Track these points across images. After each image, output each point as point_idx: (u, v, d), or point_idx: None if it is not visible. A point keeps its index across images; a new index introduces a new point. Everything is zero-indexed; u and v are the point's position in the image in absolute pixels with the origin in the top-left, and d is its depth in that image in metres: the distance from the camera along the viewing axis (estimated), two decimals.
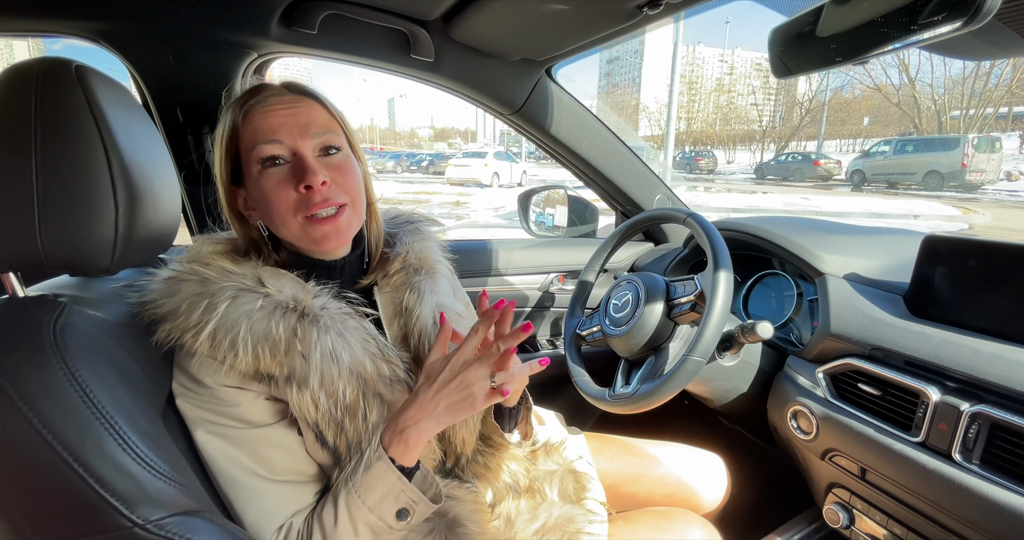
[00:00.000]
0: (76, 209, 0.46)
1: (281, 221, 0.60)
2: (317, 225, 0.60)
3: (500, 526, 0.72)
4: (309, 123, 0.60)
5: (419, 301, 0.69)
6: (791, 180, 19.38)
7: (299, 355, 0.55)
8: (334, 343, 0.57)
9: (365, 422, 0.58)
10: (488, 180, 15.53)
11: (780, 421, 0.93)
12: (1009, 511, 0.60)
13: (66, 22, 0.90)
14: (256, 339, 0.54)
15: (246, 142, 0.60)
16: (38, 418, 0.39)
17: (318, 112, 0.62)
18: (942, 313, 0.77)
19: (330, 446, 0.58)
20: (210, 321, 0.53)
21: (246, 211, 0.64)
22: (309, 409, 0.56)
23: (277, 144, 0.59)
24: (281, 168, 0.59)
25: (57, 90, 0.45)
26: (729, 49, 62.74)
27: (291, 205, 0.59)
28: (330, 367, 0.56)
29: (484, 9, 0.95)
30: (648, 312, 0.90)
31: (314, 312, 0.58)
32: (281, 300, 0.57)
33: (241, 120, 0.60)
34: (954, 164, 14.16)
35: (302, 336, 0.56)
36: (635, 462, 0.95)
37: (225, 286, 0.55)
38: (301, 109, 0.61)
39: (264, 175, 0.59)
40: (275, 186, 0.59)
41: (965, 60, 5.91)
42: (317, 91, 0.64)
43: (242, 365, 0.53)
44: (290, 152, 0.59)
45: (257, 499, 0.56)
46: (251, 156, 0.59)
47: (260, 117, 0.59)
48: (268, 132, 0.59)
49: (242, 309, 0.54)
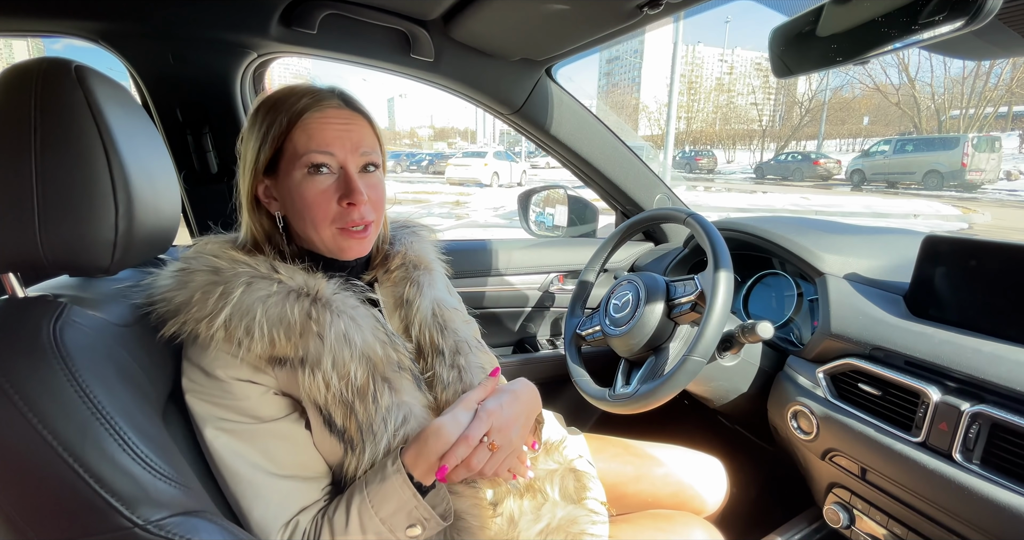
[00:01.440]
0: (76, 209, 0.46)
1: (314, 225, 0.63)
2: (348, 237, 0.64)
3: (503, 526, 0.72)
4: (360, 141, 0.64)
5: (419, 294, 0.72)
6: (791, 180, 19.38)
7: (315, 336, 0.57)
8: (347, 326, 0.59)
9: (375, 404, 0.59)
10: (488, 180, 15.53)
11: (780, 421, 0.93)
12: (1009, 511, 0.60)
13: (65, 22, 0.90)
14: (271, 323, 0.55)
15: (297, 144, 0.61)
16: (38, 418, 0.39)
17: (367, 131, 0.65)
18: (942, 313, 0.77)
19: (339, 429, 0.58)
20: (225, 307, 0.54)
21: (267, 200, 0.65)
22: (320, 389, 0.57)
23: (329, 155, 0.61)
24: (326, 177, 0.62)
25: (57, 90, 0.45)
26: (729, 49, 62.69)
27: (329, 215, 0.62)
28: (343, 349, 0.58)
29: (484, 9, 0.95)
30: (648, 312, 0.90)
31: (327, 297, 0.60)
32: (294, 286, 0.59)
33: (297, 122, 0.61)
34: (954, 163, 14.16)
35: (317, 318, 0.58)
36: (635, 463, 0.95)
37: (239, 272, 0.57)
38: (354, 127, 0.64)
39: (309, 180, 0.61)
40: (318, 194, 0.62)
41: (965, 60, 5.88)
42: (368, 110, 0.67)
43: (257, 349, 0.55)
44: (338, 165, 0.63)
45: (263, 495, 0.56)
46: (300, 159, 0.61)
47: (318, 126, 0.61)
48: (323, 143, 0.61)
49: (257, 295, 0.56)
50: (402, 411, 0.61)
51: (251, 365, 0.56)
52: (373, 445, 0.59)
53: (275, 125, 0.61)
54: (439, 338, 0.71)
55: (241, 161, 0.64)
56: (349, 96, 0.66)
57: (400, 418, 0.61)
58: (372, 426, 0.59)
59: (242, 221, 0.67)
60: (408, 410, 0.62)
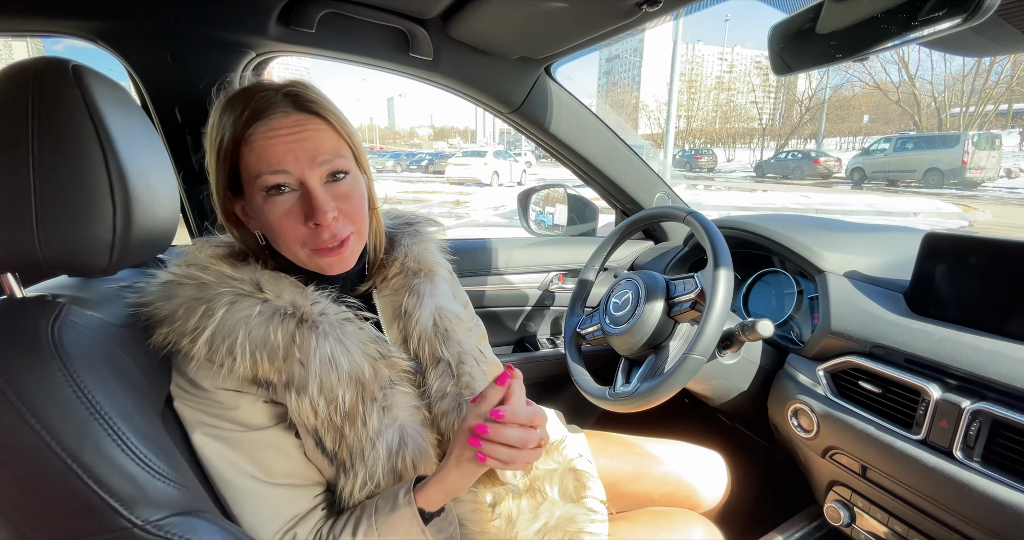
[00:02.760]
0: (74, 209, 0.46)
1: (287, 248, 0.60)
2: (324, 256, 0.59)
3: (501, 526, 0.72)
4: (317, 150, 0.56)
5: (418, 304, 0.68)
6: (791, 178, 19.36)
7: (297, 362, 0.55)
8: (333, 349, 0.57)
9: (364, 427, 0.58)
10: (488, 179, 15.52)
11: (781, 419, 0.93)
12: (1010, 508, 0.60)
13: (64, 22, 0.90)
14: (254, 345, 0.53)
15: (248, 166, 0.56)
16: (36, 419, 0.39)
17: (325, 134, 0.58)
18: (943, 310, 0.77)
19: (329, 453, 0.58)
20: (207, 327, 0.52)
21: (244, 218, 0.63)
22: (308, 415, 0.55)
23: (283, 174, 0.56)
24: (287, 197, 0.57)
25: (54, 90, 0.45)
26: (729, 47, 62.67)
27: (298, 238, 0.58)
28: (329, 373, 0.56)
29: (483, 7, 0.95)
30: (648, 310, 0.90)
31: (313, 318, 0.57)
32: (279, 306, 0.56)
33: (243, 139, 0.56)
34: (954, 161, 14.14)
35: (300, 342, 0.55)
36: (635, 460, 0.95)
37: (222, 292, 0.55)
38: (308, 134, 0.56)
39: (270, 203, 0.57)
40: (281, 217, 0.57)
41: (965, 57, 5.87)
42: (324, 104, 0.59)
43: (240, 371, 0.53)
44: (297, 181, 0.57)
45: (254, 502, 0.56)
46: (255, 182, 0.56)
47: (264, 143, 0.55)
48: (274, 162, 0.55)
49: (240, 315, 0.54)
50: (396, 431, 0.60)
51: (238, 378, 0.55)
52: (365, 468, 0.58)
53: (224, 143, 0.56)
54: (441, 349, 0.68)
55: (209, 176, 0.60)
56: (299, 93, 0.58)
57: (396, 440, 0.59)
58: (363, 450, 0.58)
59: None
60: (402, 430, 0.60)
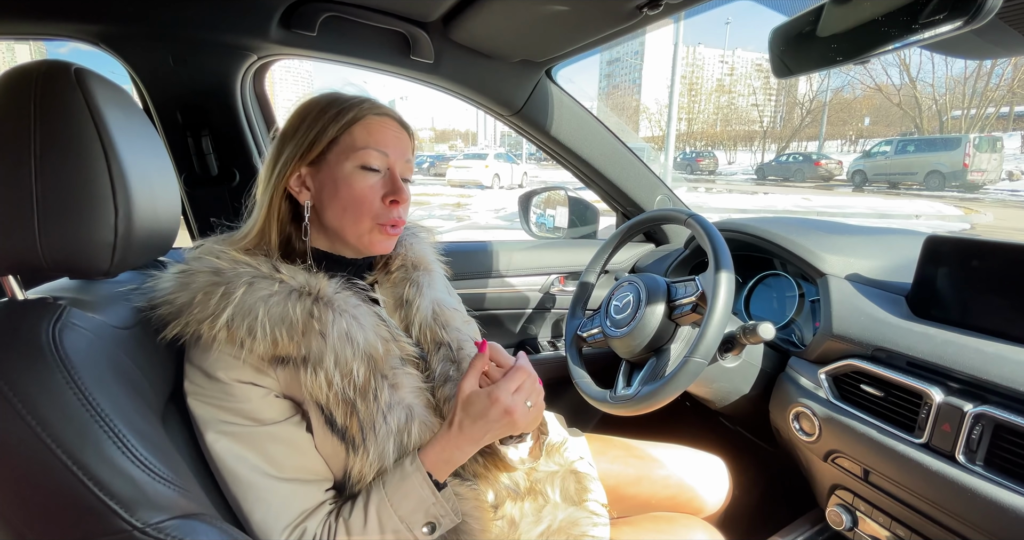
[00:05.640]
0: (75, 212, 0.46)
1: (355, 216, 0.65)
2: (383, 232, 0.67)
3: (504, 528, 0.72)
4: (407, 151, 0.69)
5: (419, 294, 0.74)
6: (792, 180, 19.36)
7: (317, 334, 0.57)
8: (349, 325, 0.60)
9: (376, 401, 0.60)
10: (489, 182, 15.53)
11: (782, 422, 0.92)
12: (1013, 512, 0.59)
13: (66, 25, 0.91)
14: (274, 322, 0.55)
15: (357, 138, 0.64)
16: (37, 421, 0.39)
17: (411, 146, 0.71)
18: (945, 313, 0.76)
19: (340, 429, 0.59)
20: (227, 307, 0.54)
21: (300, 187, 0.65)
22: (322, 388, 0.57)
23: (384, 155, 0.65)
24: (375, 175, 0.65)
25: (56, 93, 0.45)
26: (729, 50, 62.77)
27: (372, 210, 0.65)
28: (345, 347, 0.58)
29: (483, 10, 0.95)
30: (649, 313, 0.90)
31: (328, 296, 0.60)
32: (295, 285, 0.59)
33: (359, 118, 0.65)
34: (955, 164, 14.13)
35: (319, 316, 0.58)
36: (637, 464, 0.95)
37: (241, 272, 0.57)
38: (404, 138, 0.69)
39: (359, 175, 0.64)
40: (367, 187, 0.65)
41: (966, 59, 5.88)
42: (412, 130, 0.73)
43: (260, 348, 0.55)
44: (387, 167, 0.67)
45: (264, 498, 0.56)
46: (356, 152, 0.64)
47: (378, 126, 0.66)
48: (382, 143, 0.65)
49: (258, 294, 0.56)
50: (403, 409, 0.62)
51: (253, 367, 0.57)
52: (376, 444, 0.59)
53: (338, 116, 0.64)
54: (442, 333, 0.72)
55: (274, 153, 0.66)
56: (399, 115, 0.71)
57: (403, 417, 0.62)
58: (374, 424, 0.59)
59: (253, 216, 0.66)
60: (409, 409, 0.63)
